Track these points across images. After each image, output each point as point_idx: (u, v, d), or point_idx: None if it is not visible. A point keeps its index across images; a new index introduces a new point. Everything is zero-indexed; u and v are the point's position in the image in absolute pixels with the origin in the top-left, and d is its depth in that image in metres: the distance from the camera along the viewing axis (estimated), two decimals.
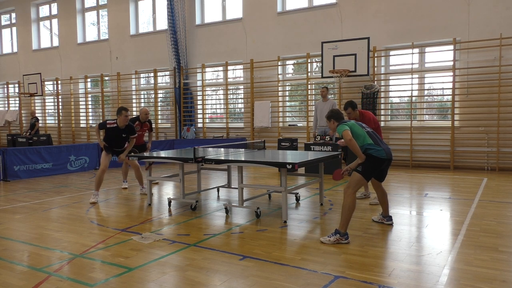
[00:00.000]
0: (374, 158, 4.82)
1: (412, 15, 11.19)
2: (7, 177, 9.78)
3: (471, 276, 3.61)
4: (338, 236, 4.61)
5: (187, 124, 15.20)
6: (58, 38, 19.22)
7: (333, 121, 5.06)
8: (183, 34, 14.82)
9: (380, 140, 5.01)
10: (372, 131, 5.05)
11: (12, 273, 3.92)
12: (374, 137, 4.93)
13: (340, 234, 4.62)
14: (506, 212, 5.95)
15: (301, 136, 12.61)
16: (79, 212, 6.40)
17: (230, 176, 7.73)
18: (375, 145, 4.84)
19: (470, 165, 10.72)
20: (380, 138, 5.21)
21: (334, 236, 4.62)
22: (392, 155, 5.01)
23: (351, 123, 4.97)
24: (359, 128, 4.93)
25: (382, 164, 4.90)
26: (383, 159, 4.84)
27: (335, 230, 4.67)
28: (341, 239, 4.60)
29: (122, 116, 7.06)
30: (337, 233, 4.63)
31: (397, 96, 12.07)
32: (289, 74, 14.06)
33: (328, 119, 5.10)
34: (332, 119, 5.07)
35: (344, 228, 4.64)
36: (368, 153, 4.84)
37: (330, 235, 4.66)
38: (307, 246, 4.57)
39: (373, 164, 4.85)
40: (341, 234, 4.62)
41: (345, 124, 4.91)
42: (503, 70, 10.16)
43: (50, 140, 16.03)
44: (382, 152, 4.83)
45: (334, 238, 4.61)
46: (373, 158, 4.82)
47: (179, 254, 4.34)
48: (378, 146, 4.85)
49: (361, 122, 5.23)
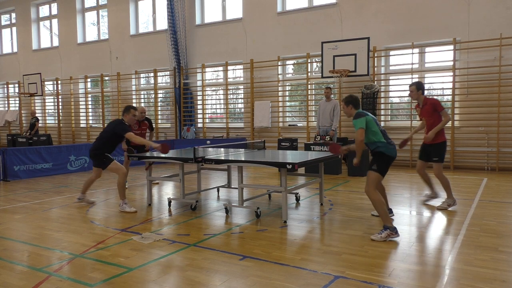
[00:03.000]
0: (387, 156, 4.94)
1: (412, 15, 11.19)
2: (7, 177, 9.78)
3: (471, 276, 3.61)
4: (388, 231, 4.67)
5: (187, 124, 15.20)
6: (58, 38, 19.22)
7: (351, 107, 5.12)
8: (183, 34, 14.82)
9: (389, 138, 5.11)
10: (383, 129, 5.13)
11: (12, 273, 3.92)
12: (386, 135, 5.05)
13: (390, 229, 4.68)
14: (506, 212, 5.95)
15: (301, 136, 12.61)
16: (79, 212, 6.40)
17: (230, 176, 7.73)
18: (387, 143, 4.96)
19: (470, 165, 10.72)
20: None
21: (385, 231, 4.68)
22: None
23: (370, 118, 4.98)
24: (375, 125, 5.00)
25: (392, 161, 5.02)
26: (393, 156, 4.98)
27: (384, 226, 4.73)
28: (392, 234, 4.67)
29: (130, 114, 6.67)
30: (387, 229, 4.69)
31: (397, 96, 12.07)
32: (289, 74, 14.06)
33: (346, 104, 5.14)
34: (350, 104, 5.12)
35: (389, 222, 4.72)
36: (380, 150, 4.93)
37: (381, 232, 4.72)
38: (307, 246, 4.57)
39: (387, 161, 4.97)
40: (391, 229, 4.69)
41: (364, 118, 4.94)
42: (503, 70, 10.16)
43: (50, 140, 16.03)
44: (393, 150, 4.98)
45: (386, 233, 4.67)
46: (386, 156, 4.94)
47: (179, 254, 4.33)
48: (390, 144, 4.99)
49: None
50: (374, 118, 5.09)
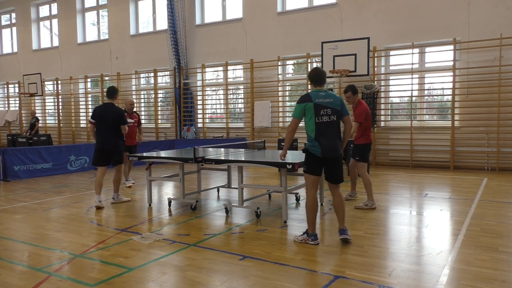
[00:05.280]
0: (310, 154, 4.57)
1: (412, 15, 11.19)
2: (7, 177, 9.78)
3: (471, 276, 3.61)
4: (305, 236, 4.63)
5: (187, 124, 15.20)
6: (58, 38, 19.22)
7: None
8: (183, 34, 14.82)
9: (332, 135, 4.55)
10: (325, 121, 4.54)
11: (12, 273, 3.92)
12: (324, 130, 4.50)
13: (308, 235, 4.63)
14: (506, 212, 5.95)
15: (301, 136, 12.57)
16: (79, 212, 6.40)
17: (230, 176, 7.73)
18: (314, 140, 4.52)
19: (470, 165, 10.72)
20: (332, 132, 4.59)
21: (303, 235, 4.66)
22: (333, 153, 4.52)
23: (309, 107, 4.47)
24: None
25: (318, 160, 4.53)
26: (318, 156, 4.51)
27: (306, 230, 4.69)
28: (308, 240, 4.60)
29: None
30: (305, 233, 4.66)
31: (397, 96, 12.07)
32: (289, 74, 14.06)
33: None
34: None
35: (311, 229, 4.62)
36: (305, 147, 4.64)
37: (300, 234, 4.71)
38: (307, 246, 4.57)
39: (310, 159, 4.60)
40: (309, 235, 4.62)
41: (304, 104, 4.49)
42: (503, 70, 10.16)
43: (50, 140, 16.02)
44: (317, 149, 4.50)
45: (302, 237, 4.64)
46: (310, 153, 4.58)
47: (179, 254, 4.33)
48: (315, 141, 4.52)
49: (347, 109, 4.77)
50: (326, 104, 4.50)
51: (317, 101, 4.50)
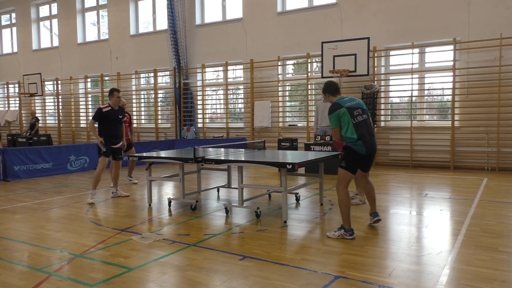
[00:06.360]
0: (353, 151, 4.78)
1: (412, 15, 11.19)
2: (7, 177, 9.78)
3: (471, 276, 3.61)
4: (343, 231, 4.73)
5: (187, 124, 15.20)
6: (58, 38, 19.21)
7: (328, 95, 5.03)
8: (183, 34, 14.82)
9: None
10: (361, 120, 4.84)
11: (12, 273, 3.92)
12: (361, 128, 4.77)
13: (345, 230, 4.74)
14: (506, 212, 5.95)
15: (301, 136, 12.60)
16: (79, 212, 6.40)
17: (230, 176, 7.73)
18: (357, 140, 4.73)
19: (470, 165, 10.72)
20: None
21: (339, 231, 4.76)
22: (374, 149, 4.94)
23: (343, 112, 4.73)
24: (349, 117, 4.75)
25: (361, 157, 4.82)
26: (362, 154, 4.78)
27: (341, 226, 4.81)
28: (345, 235, 4.72)
29: (114, 97, 7.34)
30: (342, 228, 4.76)
31: (397, 96, 12.07)
32: (289, 74, 14.06)
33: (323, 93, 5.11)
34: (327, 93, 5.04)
35: (347, 224, 4.76)
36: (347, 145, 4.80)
37: (336, 230, 4.81)
38: (307, 246, 4.57)
39: (355, 157, 4.82)
40: (346, 230, 4.74)
41: (337, 111, 4.74)
42: (503, 70, 10.16)
43: (50, 140, 16.03)
44: (362, 147, 4.75)
45: (339, 233, 4.75)
46: (352, 151, 4.78)
47: (179, 254, 4.33)
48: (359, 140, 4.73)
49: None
50: (355, 106, 4.80)
51: (347, 105, 4.79)
